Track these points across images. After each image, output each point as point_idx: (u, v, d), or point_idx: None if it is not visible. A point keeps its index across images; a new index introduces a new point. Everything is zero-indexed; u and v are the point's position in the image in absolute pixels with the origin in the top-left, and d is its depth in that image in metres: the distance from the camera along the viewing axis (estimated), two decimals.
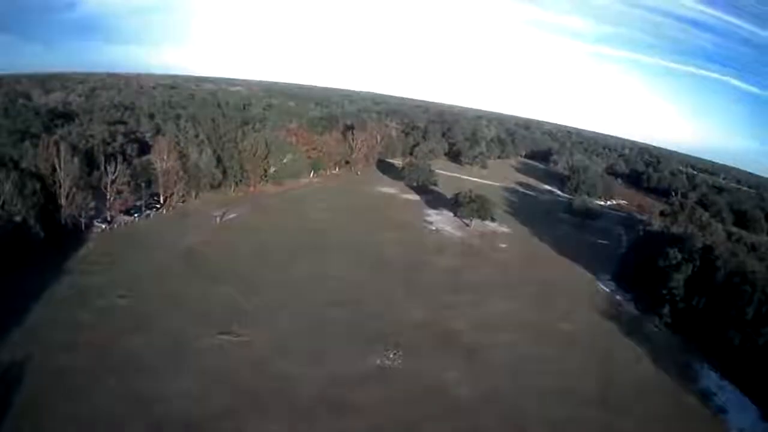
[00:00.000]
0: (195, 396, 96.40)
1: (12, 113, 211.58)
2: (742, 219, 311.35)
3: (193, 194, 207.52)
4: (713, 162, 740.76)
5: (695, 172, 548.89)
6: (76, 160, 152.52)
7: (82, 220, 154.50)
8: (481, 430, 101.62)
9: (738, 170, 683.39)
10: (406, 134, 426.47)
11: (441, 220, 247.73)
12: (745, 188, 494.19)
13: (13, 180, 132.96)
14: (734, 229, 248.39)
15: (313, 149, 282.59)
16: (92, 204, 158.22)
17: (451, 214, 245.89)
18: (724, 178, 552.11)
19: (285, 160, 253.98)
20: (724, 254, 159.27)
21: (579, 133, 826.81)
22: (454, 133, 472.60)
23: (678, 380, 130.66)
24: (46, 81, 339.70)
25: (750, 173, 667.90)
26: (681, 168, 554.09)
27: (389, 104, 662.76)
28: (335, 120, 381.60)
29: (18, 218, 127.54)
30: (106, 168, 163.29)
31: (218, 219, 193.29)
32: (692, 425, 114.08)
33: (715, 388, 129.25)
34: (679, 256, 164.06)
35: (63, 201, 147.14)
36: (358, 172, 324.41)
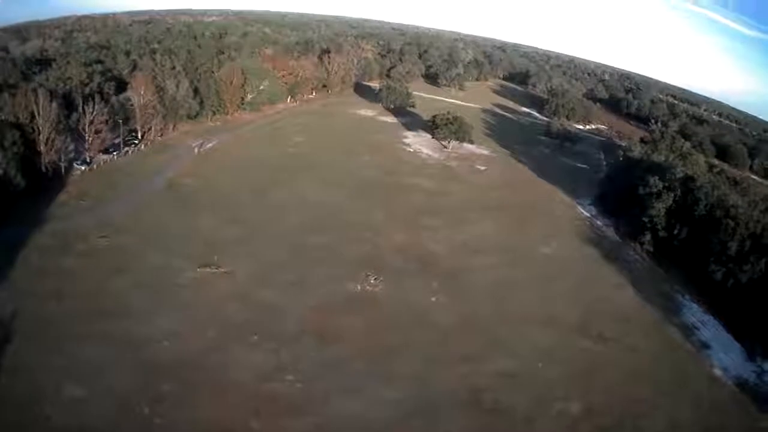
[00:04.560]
0: (181, 334, 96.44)
1: None
2: (724, 153, 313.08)
3: (171, 127, 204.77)
4: (694, 93, 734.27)
5: (676, 102, 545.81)
6: (54, 105, 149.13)
7: (62, 164, 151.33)
8: (462, 358, 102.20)
9: (720, 103, 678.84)
10: (383, 57, 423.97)
11: (419, 142, 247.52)
12: (726, 121, 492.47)
13: None
14: (716, 162, 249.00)
15: (290, 74, 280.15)
16: (71, 147, 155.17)
17: (429, 136, 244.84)
18: (705, 110, 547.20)
19: (262, 87, 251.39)
20: (705, 186, 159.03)
21: (557, 56, 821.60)
22: (431, 55, 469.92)
23: (660, 311, 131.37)
24: (22, 30, 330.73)
25: (732, 107, 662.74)
26: (661, 96, 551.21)
27: (365, 28, 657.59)
28: (311, 44, 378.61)
29: None
30: (83, 109, 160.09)
31: (197, 150, 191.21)
32: (676, 359, 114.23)
33: (698, 323, 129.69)
34: (660, 185, 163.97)
35: (42, 147, 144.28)
36: (335, 96, 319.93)
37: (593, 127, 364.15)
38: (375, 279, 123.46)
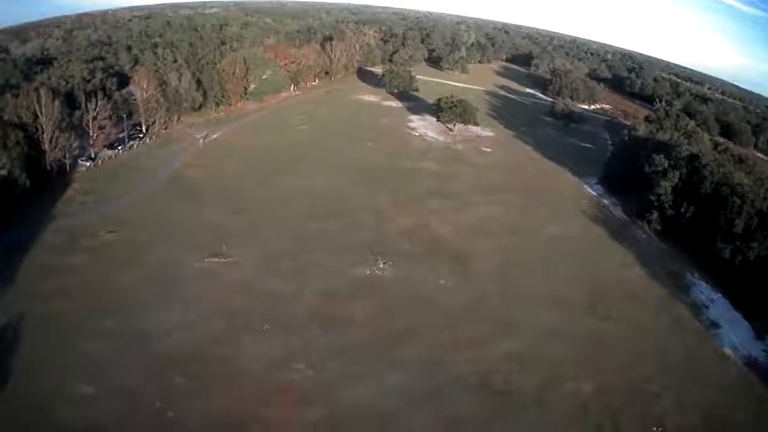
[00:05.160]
0: (190, 326, 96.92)
1: None
2: (728, 130, 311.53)
3: (175, 119, 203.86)
4: (697, 71, 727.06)
5: (679, 80, 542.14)
6: (56, 103, 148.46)
7: (67, 162, 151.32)
8: (470, 341, 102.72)
9: (723, 81, 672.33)
10: (385, 42, 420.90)
11: (424, 125, 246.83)
12: (730, 100, 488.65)
13: None
14: (721, 140, 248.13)
15: (292, 63, 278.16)
16: (75, 144, 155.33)
17: (434, 120, 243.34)
18: (708, 88, 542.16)
19: (264, 76, 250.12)
20: (710, 164, 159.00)
21: (560, 37, 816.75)
22: (434, 38, 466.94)
23: (669, 289, 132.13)
24: (22, 31, 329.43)
25: (734, 85, 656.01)
26: (664, 75, 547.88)
27: (366, 13, 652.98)
28: (313, 32, 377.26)
29: (3, 172, 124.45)
30: (86, 106, 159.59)
31: (201, 141, 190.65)
32: (686, 338, 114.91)
33: (707, 301, 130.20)
34: (666, 163, 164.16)
35: (46, 146, 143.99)
36: (339, 82, 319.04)
37: (597, 107, 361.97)
38: (384, 263, 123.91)
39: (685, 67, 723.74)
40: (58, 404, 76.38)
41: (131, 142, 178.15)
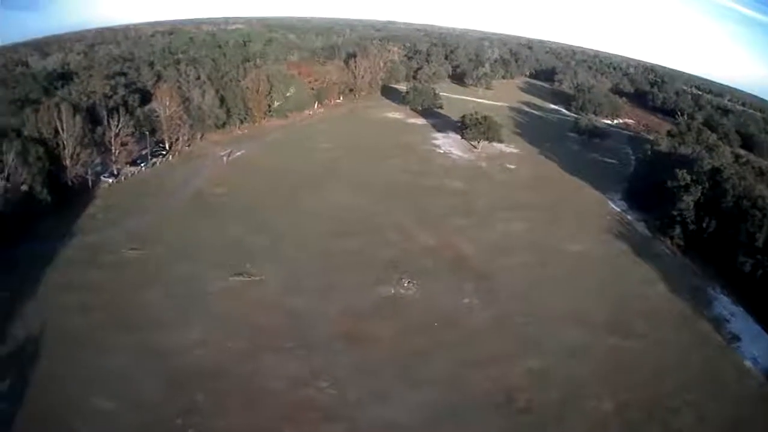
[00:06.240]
0: (212, 343, 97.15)
1: (10, 82, 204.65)
2: (748, 142, 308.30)
3: (199, 136, 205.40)
4: (717, 82, 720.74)
5: (700, 93, 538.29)
6: (78, 118, 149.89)
7: (89, 178, 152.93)
8: (494, 358, 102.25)
9: (742, 92, 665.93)
10: (409, 58, 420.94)
11: (448, 142, 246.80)
12: (750, 111, 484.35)
13: (17, 149, 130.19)
14: (742, 152, 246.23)
15: (316, 80, 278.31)
16: (97, 160, 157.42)
17: (458, 137, 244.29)
18: (729, 100, 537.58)
19: (288, 94, 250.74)
20: (732, 177, 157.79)
21: (583, 51, 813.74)
22: (457, 55, 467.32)
23: (691, 305, 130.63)
24: (42, 45, 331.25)
25: (755, 96, 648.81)
26: (686, 88, 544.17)
27: (390, 30, 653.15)
28: (337, 49, 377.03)
29: (24, 187, 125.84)
30: (108, 122, 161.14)
31: (225, 159, 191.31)
32: (706, 353, 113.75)
33: (728, 315, 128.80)
34: (688, 178, 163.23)
35: (68, 162, 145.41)
36: (363, 100, 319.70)
37: (620, 121, 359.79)
38: (408, 282, 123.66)
39: (706, 79, 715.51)
40: (77, 418, 76.77)
41: (154, 159, 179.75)
